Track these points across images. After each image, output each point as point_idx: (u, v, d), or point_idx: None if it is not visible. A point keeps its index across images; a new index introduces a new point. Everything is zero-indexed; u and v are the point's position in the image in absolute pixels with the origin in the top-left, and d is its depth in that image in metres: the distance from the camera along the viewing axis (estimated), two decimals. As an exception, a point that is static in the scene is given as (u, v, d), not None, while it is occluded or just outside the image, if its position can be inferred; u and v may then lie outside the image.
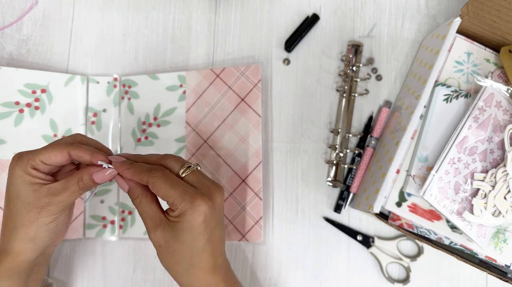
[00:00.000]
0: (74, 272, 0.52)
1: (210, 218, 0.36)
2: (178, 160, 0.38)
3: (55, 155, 0.37)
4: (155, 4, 0.56)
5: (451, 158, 0.45)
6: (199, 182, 0.37)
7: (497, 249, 0.46)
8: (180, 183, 0.36)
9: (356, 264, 0.51)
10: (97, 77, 0.54)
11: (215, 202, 0.37)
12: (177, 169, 0.37)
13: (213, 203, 0.36)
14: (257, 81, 0.52)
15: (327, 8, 0.55)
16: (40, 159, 0.37)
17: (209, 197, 0.36)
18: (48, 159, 0.37)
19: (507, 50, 0.47)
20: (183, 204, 0.35)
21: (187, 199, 0.35)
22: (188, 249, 0.37)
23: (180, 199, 0.35)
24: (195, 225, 0.36)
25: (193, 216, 0.35)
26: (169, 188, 0.35)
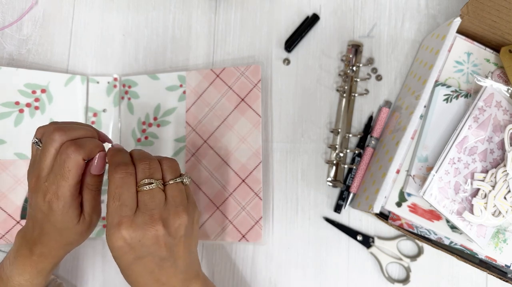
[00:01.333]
0: (74, 272, 0.52)
1: (132, 247, 0.34)
2: (148, 170, 0.35)
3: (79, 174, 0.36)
4: (155, 4, 0.56)
5: (451, 158, 0.45)
6: (146, 205, 0.34)
7: (497, 249, 0.46)
8: (124, 197, 0.34)
9: (356, 264, 0.51)
10: (97, 77, 0.54)
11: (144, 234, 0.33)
12: (139, 178, 0.35)
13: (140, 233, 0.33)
14: (257, 81, 0.52)
15: (327, 8, 0.55)
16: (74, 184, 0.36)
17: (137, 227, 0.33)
18: (78, 178, 0.36)
19: (507, 50, 0.47)
20: (109, 220, 0.34)
21: (113, 219, 0.33)
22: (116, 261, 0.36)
23: (110, 214, 0.34)
24: (113, 247, 0.34)
25: (111, 238, 0.34)
26: (111, 196, 0.34)
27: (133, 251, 0.34)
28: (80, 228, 0.39)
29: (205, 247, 0.52)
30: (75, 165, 0.35)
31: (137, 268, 0.35)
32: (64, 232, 0.38)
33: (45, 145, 0.36)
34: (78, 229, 0.39)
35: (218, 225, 0.51)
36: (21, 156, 0.51)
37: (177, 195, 0.36)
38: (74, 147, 0.35)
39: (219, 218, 0.51)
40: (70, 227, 0.38)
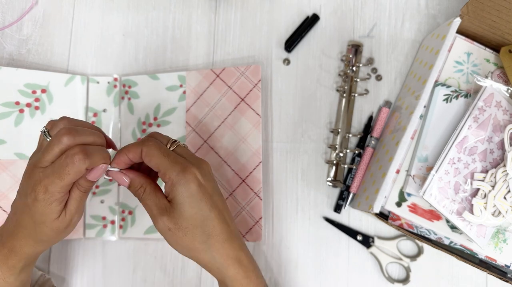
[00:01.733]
0: (74, 272, 0.52)
1: (204, 184, 0.37)
2: (164, 137, 0.39)
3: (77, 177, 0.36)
4: (155, 4, 0.57)
5: (451, 158, 0.45)
6: (187, 154, 0.39)
7: (497, 249, 0.46)
8: (171, 152, 0.37)
9: (356, 264, 0.51)
10: (97, 77, 0.54)
11: (204, 170, 0.38)
12: (164, 143, 0.38)
13: (202, 171, 0.37)
14: (257, 81, 0.52)
15: (327, 8, 0.55)
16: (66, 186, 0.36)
17: (198, 166, 0.37)
18: (71, 182, 0.36)
19: (507, 50, 0.47)
20: (174, 173, 0.36)
21: (178, 168, 0.36)
22: (197, 221, 0.37)
23: (172, 167, 0.36)
24: (192, 193, 0.36)
25: (187, 185, 0.36)
26: (161, 155, 0.36)
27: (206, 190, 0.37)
28: (57, 224, 0.38)
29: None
30: (76, 171, 0.35)
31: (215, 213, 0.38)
32: (40, 226, 0.37)
33: (51, 142, 0.36)
34: (55, 225, 0.38)
35: (218, 225, 0.51)
36: (21, 156, 0.51)
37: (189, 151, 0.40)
38: (81, 155, 0.35)
39: (219, 218, 0.51)
40: (48, 222, 0.37)
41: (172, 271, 0.52)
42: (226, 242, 0.38)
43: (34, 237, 0.38)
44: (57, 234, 0.39)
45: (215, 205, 0.38)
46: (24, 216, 0.38)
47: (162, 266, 0.52)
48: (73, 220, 0.39)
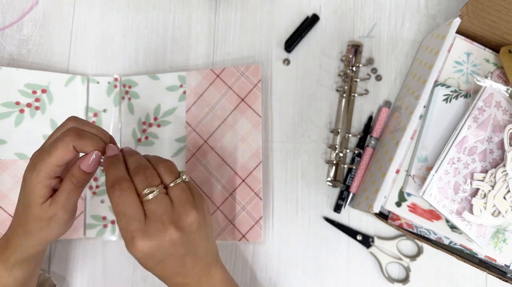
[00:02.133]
0: (74, 272, 0.52)
1: (151, 254, 0.35)
2: (146, 178, 0.35)
3: (65, 154, 0.36)
4: (155, 4, 0.57)
5: (450, 158, 0.45)
6: (154, 213, 0.34)
7: (497, 249, 0.46)
8: (128, 213, 0.34)
9: (356, 264, 0.51)
10: (97, 77, 0.54)
11: (160, 240, 0.34)
12: (140, 189, 0.35)
13: (157, 241, 0.34)
14: (257, 81, 0.52)
15: (327, 8, 0.56)
16: (54, 165, 0.36)
17: (151, 236, 0.34)
18: (61, 162, 0.36)
19: (507, 50, 0.47)
20: (123, 237, 0.35)
21: (126, 235, 0.34)
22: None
23: (122, 232, 0.35)
24: (136, 259, 0.36)
25: (131, 252, 0.35)
26: (117, 215, 0.35)
27: (153, 257, 0.35)
28: (40, 212, 0.37)
29: (205, 247, 0.52)
30: (63, 147, 0.35)
31: (161, 269, 0.36)
32: (26, 212, 0.38)
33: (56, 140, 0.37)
34: (38, 212, 0.37)
35: (218, 225, 0.51)
36: (22, 156, 0.51)
37: (181, 195, 0.36)
38: (72, 134, 0.36)
39: (219, 218, 0.51)
40: (32, 206, 0.37)
41: (172, 271, 0.52)
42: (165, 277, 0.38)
43: (23, 226, 0.39)
44: (40, 224, 0.38)
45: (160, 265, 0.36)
46: (18, 203, 0.39)
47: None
48: (58, 215, 0.38)
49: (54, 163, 0.36)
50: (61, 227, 0.40)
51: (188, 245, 0.36)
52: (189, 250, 0.36)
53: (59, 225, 0.39)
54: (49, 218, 0.38)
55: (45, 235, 0.39)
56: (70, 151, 0.36)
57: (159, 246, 0.34)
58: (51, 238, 0.40)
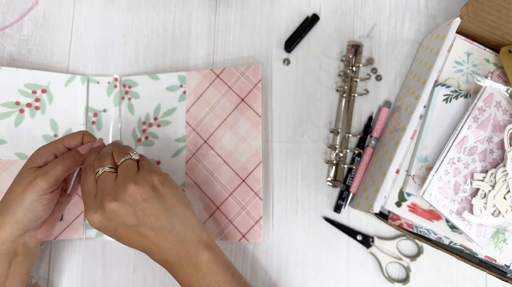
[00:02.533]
0: (74, 272, 0.52)
1: (104, 225, 0.38)
2: (100, 160, 0.41)
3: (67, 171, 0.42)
4: (155, 5, 0.57)
5: (450, 158, 0.45)
6: (100, 188, 0.39)
7: (497, 249, 0.46)
8: (85, 189, 0.40)
9: (356, 264, 0.51)
10: (97, 77, 0.54)
11: (103, 211, 0.38)
12: (95, 169, 0.40)
13: (101, 212, 0.38)
14: (257, 81, 0.52)
15: (327, 8, 0.56)
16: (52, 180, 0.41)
17: (97, 208, 0.38)
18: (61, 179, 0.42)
19: (507, 50, 0.47)
20: (85, 209, 0.39)
21: (85, 208, 0.39)
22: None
23: (84, 206, 0.39)
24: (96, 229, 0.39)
25: (90, 224, 0.39)
26: (82, 192, 0.40)
27: (107, 227, 0.39)
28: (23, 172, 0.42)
29: (205, 247, 0.52)
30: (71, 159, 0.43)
31: (123, 240, 0.40)
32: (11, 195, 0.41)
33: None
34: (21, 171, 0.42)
35: (218, 225, 0.51)
36: (22, 156, 0.51)
37: (124, 170, 0.39)
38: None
39: (219, 218, 0.51)
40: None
41: (172, 271, 0.52)
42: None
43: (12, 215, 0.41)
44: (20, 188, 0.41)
45: (117, 235, 0.39)
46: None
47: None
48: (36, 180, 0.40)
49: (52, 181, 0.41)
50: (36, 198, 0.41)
51: (138, 216, 0.38)
52: (142, 222, 0.38)
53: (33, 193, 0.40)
54: (29, 181, 0.40)
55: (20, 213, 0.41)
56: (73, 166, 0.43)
57: (105, 217, 0.38)
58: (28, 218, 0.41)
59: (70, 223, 0.51)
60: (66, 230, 0.51)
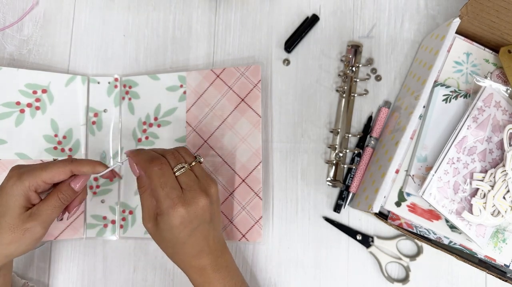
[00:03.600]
0: (75, 272, 0.52)
1: (189, 220, 0.39)
2: (175, 157, 0.41)
3: (59, 174, 0.39)
4: (156, 5, 0.57)
5: (450, 158, 0.45)
6: (188, 184, 0.40)
7: (496, 249, 0.47)
8: (169, 183, 0.39)
9: (355, 263, 0.51)
10: (97, 77, 0.54)
11: (196, 206, 0.39)
12: (172, 165, 0.40)
13: (194, 207, 0.39)
14: (257, 81, 0.52)
15: (327, 8, 0.56)
16: (43, 179, 0.38)
17: (189, 203, 0.39)
18: (51, 179, 0.39)
19: (506, 51, 0.48)
20: (164, 206, 0.39)
21: (168, 203, 0.38)
22: (170, 242, 0.40)
23: (163, 201, 0.39)
24: (172, 226, 0.39)
25: (169, 219, 0.38)
26: (158, 186, 0.39)
27: (190, 224, 0.39)
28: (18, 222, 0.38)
29: (205, 246, 0.52)
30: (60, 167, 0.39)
31: (193, 240, 0.40)
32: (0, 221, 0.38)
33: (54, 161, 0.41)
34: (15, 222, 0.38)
35: (218, 225, 0.51)
36: (22, 156, 0.51)
37: (201, 171, 0.42)
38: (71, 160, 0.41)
39: (219, 218, 0.51)
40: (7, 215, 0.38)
41: (173, 271, 0.52)
42: (193, 258, 0.41)
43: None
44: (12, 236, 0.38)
45: (194, 235, 0.40)
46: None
47: (163, 266, 0.52)
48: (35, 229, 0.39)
49: (44, 178, 0.38)
50: (32, 242, 0.39)
51: (212, 213, 0.41)
52: (212, 219, 0.41)
53: (30, 239, 0.39)
54: (24, 230, 0.38)
55: (12, 250, 0.39)
56: (65, 173, 0.39)
57: (195, 212, 0.39)
58: (17, 253, 0.40)
59: (70, 223, 0.51)
60: (66, 230, 0.51)
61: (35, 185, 0.38)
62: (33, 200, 0.39)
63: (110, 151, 0.53)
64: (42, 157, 0.51)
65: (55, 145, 0.52)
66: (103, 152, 0.53)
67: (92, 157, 0.53)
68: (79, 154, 0.52)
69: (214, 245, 0.42)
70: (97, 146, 0.53)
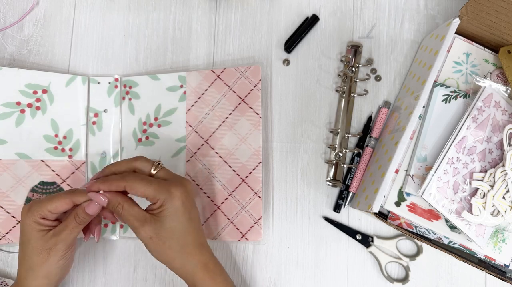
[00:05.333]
0: (75, 272, 0.52)
1: (186, 201, 0.42)
2: (147, 161, 0.44)
3: (61, 205, 0.42)
4: (156, 5, 0.57)
5: (450, 158, 0.45)
6: (168, 175, 0.44)
7: (496, 249, 0.47)
8: (152, 180, 0.42)
9: (355, 263, 0.51)
10: (98, 78, 0.54)
11: (186, 188, 0.42)
12: (148, 168, 0.43)
13: (184, 189, 0.42)
14: (257, 81, 0.52)
15: (327, 9, 0.56)
16: (48, 209, 0.41)
17: (180, 185, 0.42)
18: (55, 209, 0.41)
19: (506, 51, 0.48)
20: (161, 195, 0.41)
21: (164, 190, 0.41)
22: (176, 232, 0.41)
23: (158, 191, 0.41)
24: (176, 209, 0.41)
25: (173, 202, 0.41)
26: (145, 185, 0.41)
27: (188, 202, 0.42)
28: (41, 243, 0.41)
29: (205, 246, 0.53)
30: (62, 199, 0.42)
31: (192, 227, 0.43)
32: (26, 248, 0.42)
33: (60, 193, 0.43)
34: (38, 243, 0.41)
35: (218, 225, 0.51)
36: (22, 156, 0.51)
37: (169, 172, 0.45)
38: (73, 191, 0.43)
39: (219, 218, 0.51)
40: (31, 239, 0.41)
41: (173, 271, 0.52)
42: (197, 250, 0.43)
43: (26, 263, 0.42)
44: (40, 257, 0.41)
45: (192, 218, 0.43)
46: (19, 247, 0.43)
47: (163, 265, 0.52)
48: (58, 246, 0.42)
49: (48, 209, 0.41)
50: (60, 259, 0.42)
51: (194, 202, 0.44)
52: (194, 208, 0.44)
53: (58, 257, 0.42)
54: (49, 249, 0.41)
55: (47, 271, 0.42)
56: (67, 204, 0.42)
57: (186, 191, 0.42)
58: (53, 273, 0.42)
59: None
60: (66, 229, 0.51)
61: (42, 214, 0.41)
62: (47, 225, 0.42)
63: (110, 151, 0.53)
64: (42, 157, 0.51)
65: (55, 145, 0.52)
66: (103, 152, 0.53)
67: (92, 157, 0.53)
68: (79, 154, 0.52)
69: (205, 238, 0.45)
70: (97, 146, 0.53)
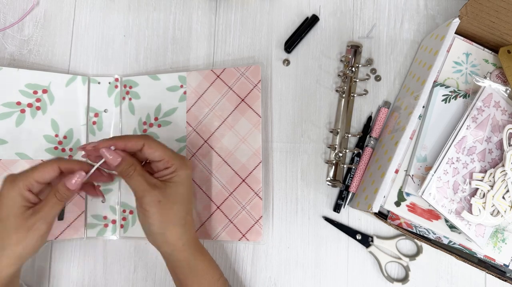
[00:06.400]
0: (75, 271, 0.52)
1: (191, 175, 0.45)
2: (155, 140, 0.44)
3: (48, 172, 0.40)
4: (156, 5, 0.57)
5: (449, 158, 0.45)
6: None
7: (496, 249, 0.47)
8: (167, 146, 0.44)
9: (355, 263, 0.52)
10: (98, 78, 0.54)
11: (187, 163, 0.44)
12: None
13: (189, 163, 0.45)
14: (257, 81, 0.52)
15: (327, 9, 0.56)
16: (35, 179, 0.40)
17: (186, 159, 0.45)
18: (42, 177, 0.40)
19: (506, 51, 0.48)
20: (176, 161, 0.43)
21: (179, 158, 0.43)
22: (185, 198, 0.43)
23: (175, 157, 0.43)
24: (187, 176, 0.43)
25: (186, 170, 0.43)
26: (164, 148, 0.43)
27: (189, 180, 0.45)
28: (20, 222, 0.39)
29: (205, 246, 0.52)
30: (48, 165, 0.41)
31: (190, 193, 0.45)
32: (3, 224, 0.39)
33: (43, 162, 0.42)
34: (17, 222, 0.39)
35: (218, 225, 0.51)
36: (22, 156, 0.51)
37: None
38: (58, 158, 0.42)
39: (220, 218, 0.51)
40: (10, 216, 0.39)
41: (173, 271, 0.52)
42: (192, 221, 0.45)
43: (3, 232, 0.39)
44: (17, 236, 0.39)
45: (192, 191, 0.46)
46: None
47: (163, 265, 0.52)
48: (37, 225, 0.39)
49: (35, 178, 0.39)
50: (38, 240, 0.40)
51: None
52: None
53: (36, 237, 0.40)
54: (28, 228, 0.39)
55: (20, 250, 0.40)
56: (54, 170, 0.41)
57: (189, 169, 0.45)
58: (26, 253, 0.40)
59: (71, 223, 0.51)
60: (66, 230, 0.51)
61: (28, 185, 0.40)
62: (31, 199, 0.40)
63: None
64: (43, 157, 0.51)
65: (55, 145, 0.52)
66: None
67: (92, 157, 0.53)
68: (80, 154, 0.52)
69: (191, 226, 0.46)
70: (97, 146, 0.53)
